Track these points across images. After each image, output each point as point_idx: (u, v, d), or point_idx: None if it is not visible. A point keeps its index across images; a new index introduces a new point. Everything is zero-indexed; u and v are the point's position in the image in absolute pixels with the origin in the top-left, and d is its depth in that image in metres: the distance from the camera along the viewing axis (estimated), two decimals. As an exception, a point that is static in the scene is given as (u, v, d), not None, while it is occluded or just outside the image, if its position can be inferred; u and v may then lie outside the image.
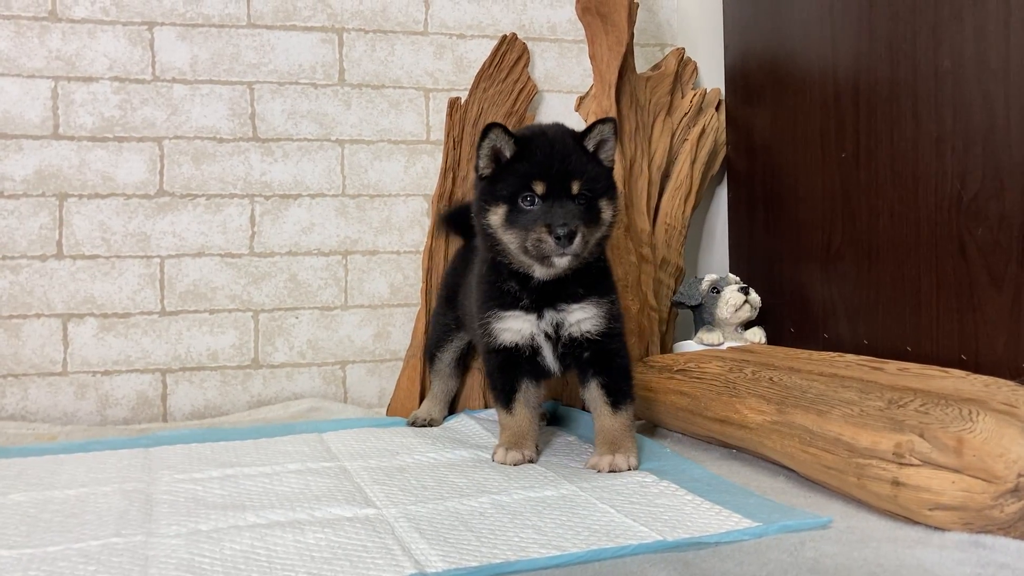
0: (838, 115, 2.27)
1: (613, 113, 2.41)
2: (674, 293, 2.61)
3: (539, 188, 1.75)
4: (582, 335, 1.88)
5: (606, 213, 1.82)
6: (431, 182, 2.71)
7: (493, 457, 1.92)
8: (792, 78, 2.46)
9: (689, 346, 2.53)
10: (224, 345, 2.59)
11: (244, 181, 2.60)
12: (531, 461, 1.90)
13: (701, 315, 2.55)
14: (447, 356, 2.35)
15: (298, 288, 2.64)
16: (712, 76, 2.87)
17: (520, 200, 1.77)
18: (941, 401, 1.51)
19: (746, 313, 2.49)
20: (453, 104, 2.61)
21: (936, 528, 1.40)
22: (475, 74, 2.66)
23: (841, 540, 1.39)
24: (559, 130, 1.85)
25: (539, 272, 1.82)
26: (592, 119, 2.56)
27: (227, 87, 2.59)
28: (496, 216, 1.79)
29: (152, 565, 1.34)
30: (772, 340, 2.54)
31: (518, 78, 2.68)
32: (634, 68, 2.56)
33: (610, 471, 1.80)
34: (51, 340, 2.48)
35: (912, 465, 1.44)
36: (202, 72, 2.58)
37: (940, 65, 1.93)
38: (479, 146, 1.81)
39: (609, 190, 1.83)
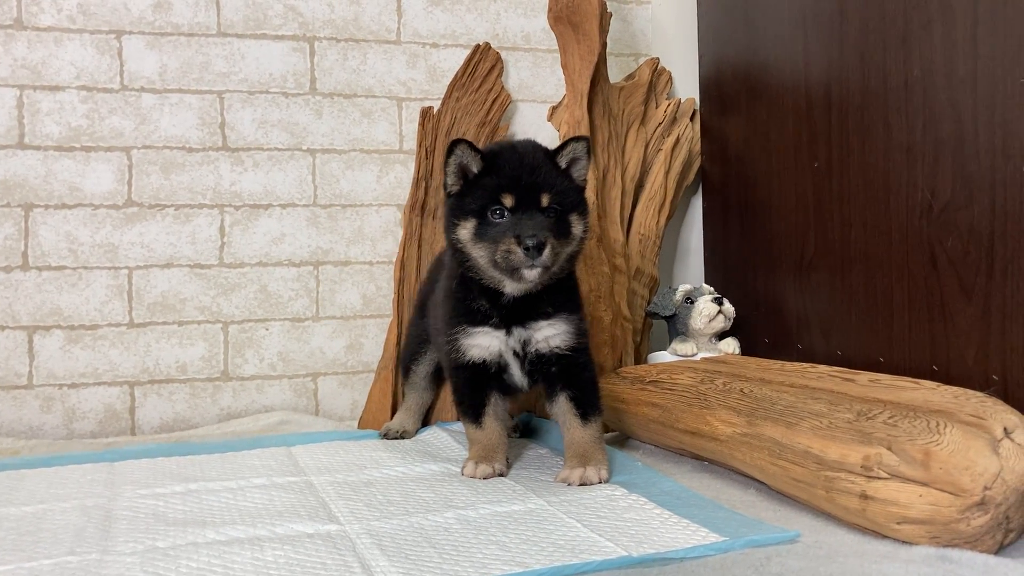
0: (811, 125, 2.26)
1: (585, 123, 2.40)
2: (648, 303, 2.59)
3: (508, 201, 1.73)
4: (551, 351, 1.86)
5: (576, 228, 1.81)
6: (404, 192, 2.69)
7: (463, 471, 1.89)
8: (766, 88, 2.45)
9: (663, 357, 2.51)
10: (193, 357, 2.55)
11: (214, 191, 2.57)
12: (501, 475, 1.88)
13: (675, 326, 2.53)
14: (422, 368, 2.32)
15: (268, 299, 2.61)
16: (687, 86, 2.86)
17: (489, 213, 1.75)
18: (910, 413, 1.49)
19: (720, 324, 2.48)
20: (425, 114, 2.59)
21: (904, 542, 1.39)
22: (448, 83, 2.65)
23: (808, 555, 1.37)
24: (529, 145, 1.84)
25: (510, 287, 1.81)
26: (565, 129, 2.55)
27: (196, 96, 2.57)
28: (465, 230, 1.77)
29: (104, 584, 1.31)
30: (747, 351, 2.52)
31: (491, 87, 2.66)
32: (607, 78, 2.54)
33: (581, 484, 1.78)
34: (16, 353, 2.44)
35: (880, 478, 1.42)
36: (171, 81, 2.55)
37: (910, 74, 1.92)
38: (446, 163, 1.79)
39: (580, 205, 1.82)
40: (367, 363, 2.67)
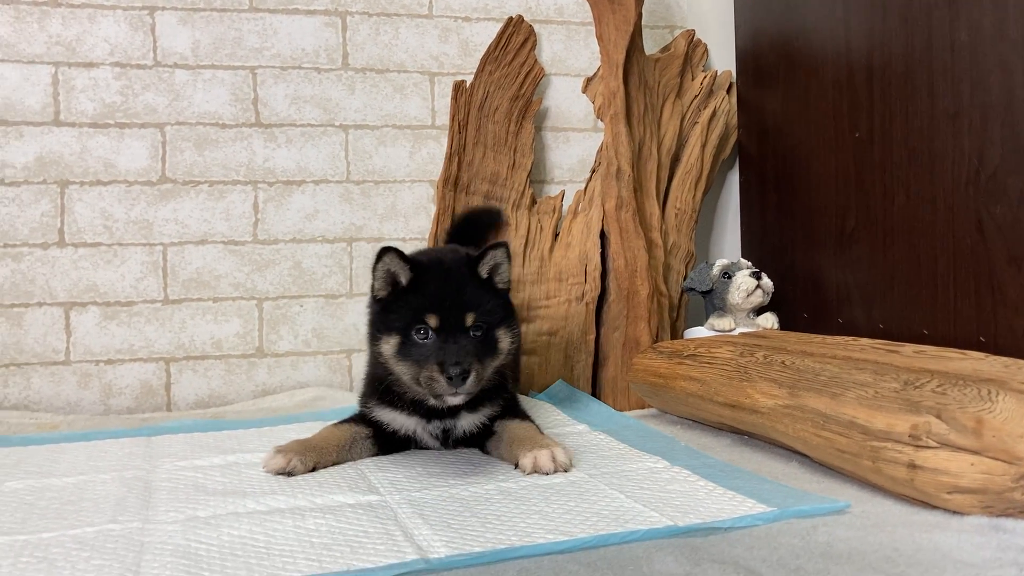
0: (851, 94, 2.22)
1: (621, 94, 2.37)
2: (684, 278, 2.56)
3: (432, 321, 1.67)
4: (476, 429, 1.85)
5: (503, 342, 1.74)
6: (436, 167, 2.67)
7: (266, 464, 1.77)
8: (804, 57, 2.41)
9: (700, 332, 2.48)
10: (228, 334, 2.56)
11: (247, 167, 2.57)
12: (290, 474, 1.74)
13: (712, 301, 2.50)
14: None
15: (302, 276, 2.61)
16: (723, 58, 2.81)
17: (413, 332, 1.69)
18: (959, 382, 1.46)
19: (758, 298, 2.44)
20: (458, 88, 2.57)
21: (954, 512, 1.35)
22: (480, 57, 2.62)
23: (855, 525, 1.34)
24: (456, 259, 1.78)
25: (434, 402, 1.74)
26: (600, 101, 2.53)
27: (229, 72, 2.56)
28: (388, 346, 1.71)
29: (147, 551, 1.31)
30: (785, 326, 2.49)
31: (524, 61, 2.64)
32: (642, 49, 2.51)
33: (533, 472, 1.70)
34: (53, 329, 2.45)
35: (929, 447, 1.39)
36: (204, 57, 2.54)
37: (956, 38, 1.88)
38: (375, 268, 1.73)
39: (507, 319, 1.76)
40: (401, 340, 2.66)
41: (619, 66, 2.37)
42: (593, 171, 2.56)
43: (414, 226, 2.68)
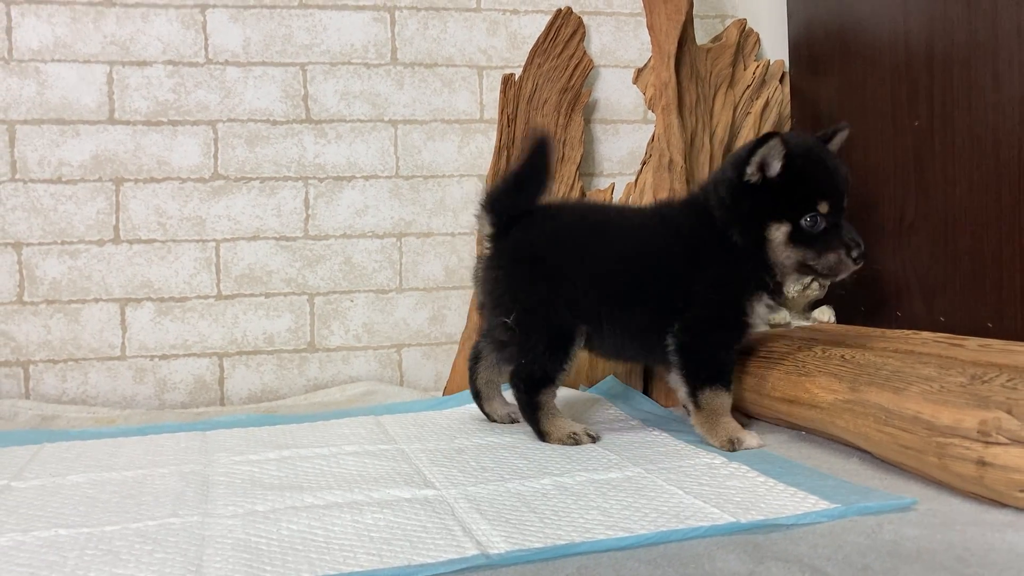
0: (910, 82, 2.17)
1: (673, 85, 2.34)
2: (737, 272, 2.53)
3: (823, 208, 1.77)
4: None
5: None
6: (485, 162, 2.66)
7: (743, 446, 1.80)
8: (860, 45, 2.36)
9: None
10: (280, 329, 2.57)
11: (298, 163, 2.58)
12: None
13: (766, 294, 2.46)
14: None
15: (353, 271, 2.62)
16: (775, 47, 2.77)
17: (803, 220, 1.77)
18: (1030, 376, 1.42)
19: (814, 292, 2.40)
20: (507, 81, 2.56)
21: (1027, 510, 1.32)
22: (529, 50, 2.61)
23: (922, 523, 1.31)
24: (822, 146, 1.86)
25: (790, 283, 1.92)
26: (651, 92, 2.50)
27: (280, 69, 2.57)
28: (780, 233, 1.79)
29: (209, 544, 1.32)
30: (842, 320, 2.44)
31: (573, 53, 2.62)
32: (694, 39, 2.48)
33: None
34: (109, 325, 2.49)
35: (999, 444, 1.35)
36: (255, 54, 2.56)
37: (1023, 22, 1.82)
38: (753, 151, 1.77)
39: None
40: (450, 334, 2.66)
41: (671, 56, 2.34)
42: (644, 163, 2.53)
43: (463, 221, 2.67)
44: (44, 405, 2.36)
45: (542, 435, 1.91)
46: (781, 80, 2.70)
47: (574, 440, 1.87)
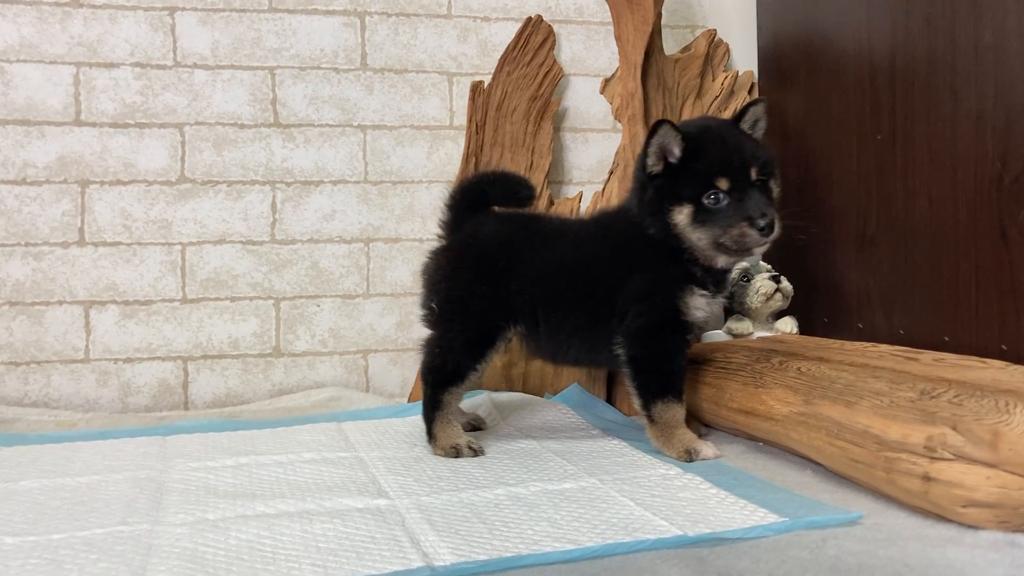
0: (873, 95, 2.19)
1: (639, 95, 2.35)
2: (703, 281, 2.54)
3: (723, 184, 1.74)
4: None
5: (775, 192, 1.83)
6: (454, 168, 2.66)
7: (701, 456, 1.80)
8: (826, 58, 2.37)
9: (718, 336, 2.46)
10: (245, 333, 2.57)
11: (265, 167, 2.58)
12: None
13: (731, 304, 2.47)
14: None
15: (320, 276, 2.61)
16: (745, 58, 2.78)
17: (705, 199, 1.75)
18: (977, 392, 1.43)
19: (778, 302, 2.42)
20: (476, 88, 2.56)
21: (969, 526, 1.33)
22: (499, 57, 2.61)
23: (866, 538, 1.32)
24: (722, 123, 1.88)
25: (722, 262, 1.84)
26: (618, 102, 2.50)
27: (248, 72, 2.57)
28: (682, 216, 1.78)
29: (154, 554, 1.31)
30: (805, 331, 2.46)
31: (543, 61, 2.62)
32: (662, 49, 2.48)
33: None
34: (73, 327, 2.47)
35: (944, 459, 1.36)
36: (223, 57, 2.55)
37: (981, 39, 1.84)
38: (647, 143, 1.79)
39: (775, 169, 1.83)
40: (417, 341, 2.63)
41: (637, 67, 2.35)
42: (611, 172, 2.54)
43: (432, 227, 2.64)
44: (4, 408, 2.34)
45: (431, 438, 1.92)
46: (750, 91, 2.72)
47: (455, 452, 1.88)
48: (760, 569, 1.21)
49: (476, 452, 1.88)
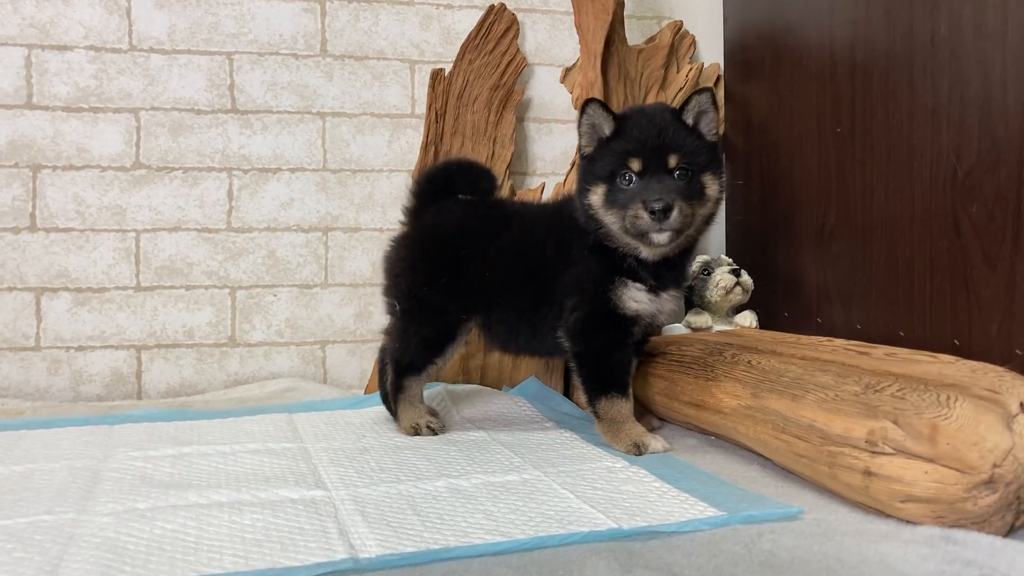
0: (834, 88, 2.16)
1: (599, 85, 2.32)
2: (664, 274, 2.51)
3: (635, 165, 1.69)
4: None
5: (711, 188, 1.74)
6: (416, 157, 2.62)
7: (648, 450, 1.77)
8: (790, 51, 2.35)
9: (678, 330, 2.43)
10: (200, 322, 2.53)
11: (222, 154, 2.54)
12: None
13: (691, 297, 2.45)
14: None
15: (276, 265, 2.57)
16: (711, 50, 2.76)
17: (618, 179, 1.71)
18: (920, 386, 1.41)
19: (737, 296, 2.39)
20: (436, 76, 2.53)
21: (907, 522, 1.31)
22: (460, 45, 2.58)
23: (803, 533, 1.30)
24: (657, 106, 1.83)
25: (645, 252, 1.76)
26: (578, 92, 2.48)
27: (206, 57, 2.52)
28: (596, 196, 1.74)
29: (73, 544, 1.28)
30: (765, 324, 2.44)
31: (506, 50, 2.59)
32: (624, 39, 2.46)
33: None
34: (24, 314, 2.43)
35: (885, 454, 1.34)
36: (180, 42, 2.51)
37: (937, 31, 1.82)
38: (579, 124, 1.76)
39: (714, 164, 1.74)
40: (376, 332, 2.61)
41: (597, 56, 2.32)
42: (573, 164, 2.51)
43: (392, 217, 2.63)
44: (-50, 395, 2.30)
45: (395, 418, 1.96)
46: (716, 84, 2.70)
47: (415, 431, 1.92)
48: (691, 563, 1.19)
49: (435, 431, 1.92)
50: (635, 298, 1.78)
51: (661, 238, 1.68)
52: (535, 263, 1.87)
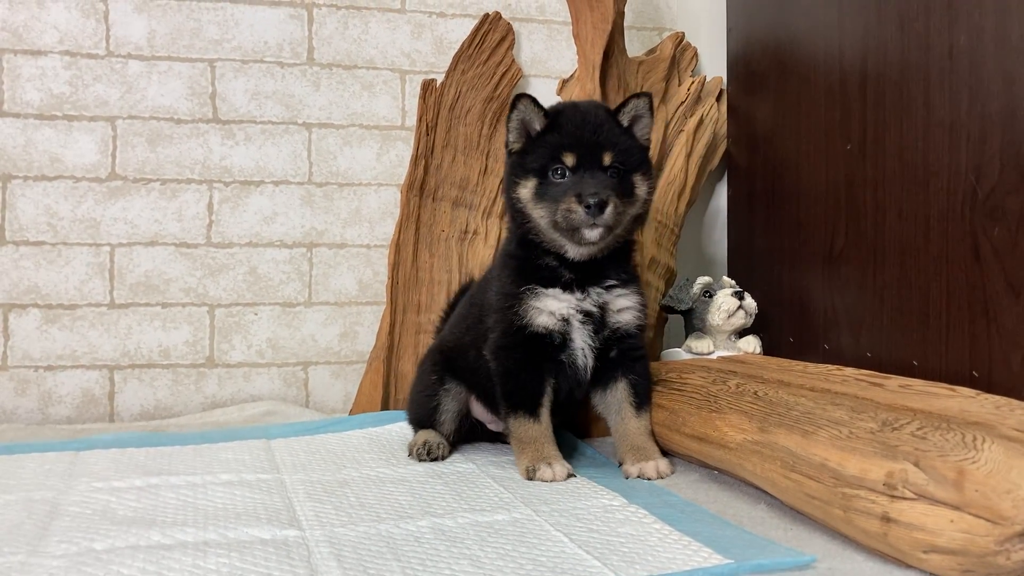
0: (844, 103, 2.06)
1: (597, 97, 2.22)
2: (663, 296, 2.41)
3: (569, 160, 1.68)
4: (622, 327, 1.80)
5: (640, 188, 1.74)
6: (405, 171, 2.52)
7: (535, 476, 1.72)
8: (797, 63, 2.25)
9: (678, 354, 2.33)
10: (177, 341, 2.41)
11: (202, 165, 2.43)
12: (572, 475, 1.74)
13: (692, 321, 2.34)
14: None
15: (258, 282, 2.46)
16: (714, 63, 2.66)
17: (551, 173, 1.69)
18: (942, 424, 1.30)
19: (740, 320, 2.29)
20: (427, 86, 2.42)
21: (930, 574, 1.20)
22: (453, 55, 2.48)
23: (818, 585, 1.19)
24: (592, 104, 1.80)
25: (572, 251, 1.73)
26: (576, 105, 2.37)
27: (186, 64, 2.42)
28: (526, 190, 1.72)
29: (17, 593, 1.16)
30: (769, 350, 2.33)
31: (501, 60, 2.49)
32: (623, 50, 2.36)
33: (641, 477, 1.75)
34: (-10, 332, 2.32)
35: (905, 499, 1.23)
36: (160, 48, 2.40)
37: (955, 43, 1.72)
38: (508, 119, 1.74)
39: (644, 165, 1.75)
40: (362, 353, 2.51)
41: (596, 67, 2.22)
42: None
43: (380, 232, 2.53)
44: (-90, 417, 2.18)
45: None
46: (719, 98, 2.60)
47: (409, 450, 1.95)
48: (695, 622, 1.08)
49: (430, 453, 1.89)
50: (547, 307, 1.75)
51: (593, 234, 1.67)
52: (484, 283, 1.90)
